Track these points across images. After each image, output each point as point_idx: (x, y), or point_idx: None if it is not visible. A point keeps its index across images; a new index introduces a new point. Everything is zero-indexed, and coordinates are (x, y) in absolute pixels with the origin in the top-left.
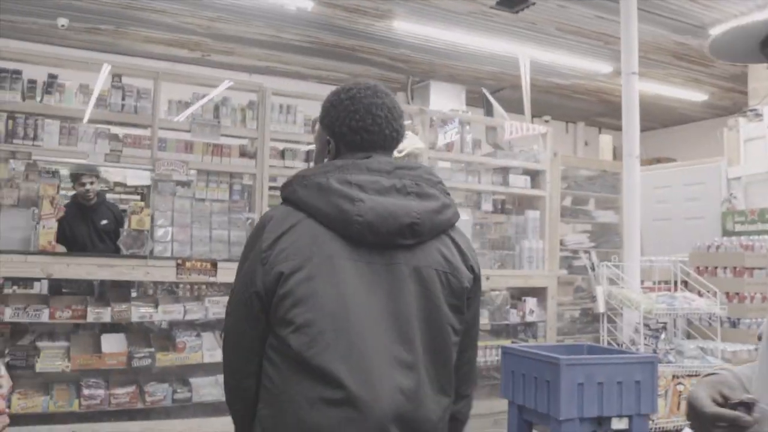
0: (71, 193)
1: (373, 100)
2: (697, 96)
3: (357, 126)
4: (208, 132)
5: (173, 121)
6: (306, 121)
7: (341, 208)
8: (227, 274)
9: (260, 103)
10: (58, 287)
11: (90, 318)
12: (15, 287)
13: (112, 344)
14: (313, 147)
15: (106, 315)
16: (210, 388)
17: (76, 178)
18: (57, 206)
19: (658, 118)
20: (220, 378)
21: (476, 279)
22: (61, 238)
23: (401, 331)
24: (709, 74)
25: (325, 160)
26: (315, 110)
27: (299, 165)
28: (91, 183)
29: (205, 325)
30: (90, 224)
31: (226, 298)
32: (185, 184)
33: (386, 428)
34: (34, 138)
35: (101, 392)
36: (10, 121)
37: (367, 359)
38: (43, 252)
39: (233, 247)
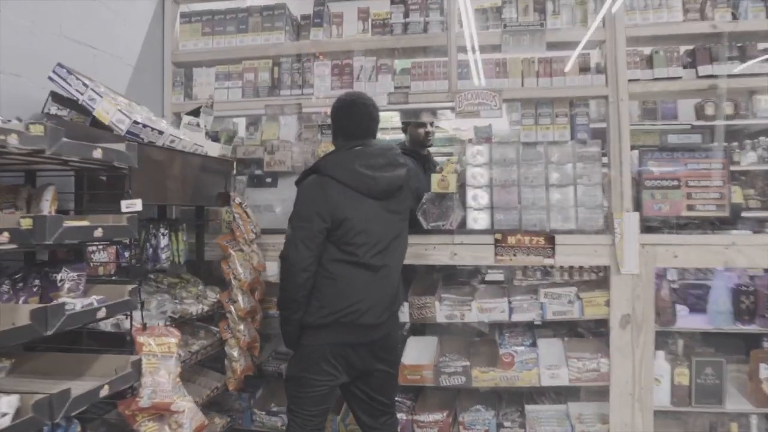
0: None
1: (353, 109)
2: None
3: (347, 124)
4: (528, 42)
5: (475, 35)
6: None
7: (368, 183)
8: (571, 251)
9: None
10: None
11: None
12: None
13: (419, 351)
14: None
15: (403, 313)
16: (554, 425)
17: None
18: None
19: None
20: (571, 410)
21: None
22: None
23: (388, 237)
24: None
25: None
26: None
27: (677, 74)
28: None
29: (543, 329)
30: None
31: (569, 291)
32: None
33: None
34: (302, 85)
35: (402, 416)
36: (275, 68)
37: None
38: None
39: (582, 212)
